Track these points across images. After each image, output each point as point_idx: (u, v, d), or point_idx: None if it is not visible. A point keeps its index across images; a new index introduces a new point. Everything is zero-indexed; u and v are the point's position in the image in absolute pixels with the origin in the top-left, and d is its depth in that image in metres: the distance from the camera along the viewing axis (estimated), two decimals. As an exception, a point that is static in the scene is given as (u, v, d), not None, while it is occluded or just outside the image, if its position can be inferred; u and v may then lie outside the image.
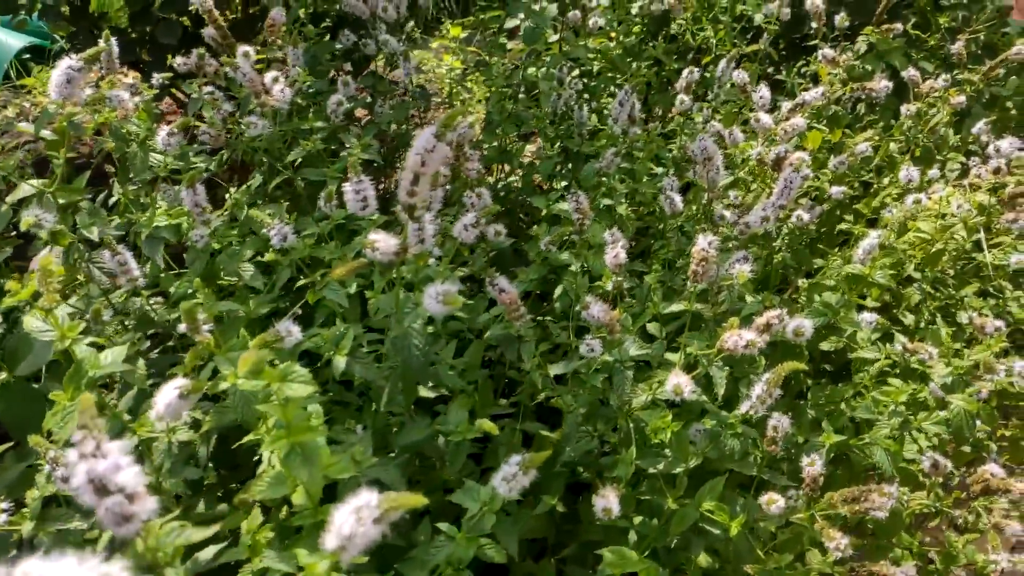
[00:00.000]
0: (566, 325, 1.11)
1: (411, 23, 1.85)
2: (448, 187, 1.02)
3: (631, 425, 0.98)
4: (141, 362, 0.97)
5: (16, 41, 3.42)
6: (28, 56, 3.38)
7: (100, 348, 0.77)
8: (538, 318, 1.23)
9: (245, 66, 1.09)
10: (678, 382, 0.81)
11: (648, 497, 1.02)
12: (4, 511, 0.78)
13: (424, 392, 0.96)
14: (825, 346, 1.34)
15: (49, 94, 0.92)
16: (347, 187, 0.82)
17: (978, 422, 0.98)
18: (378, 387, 0.86)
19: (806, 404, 1.20)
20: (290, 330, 0.79)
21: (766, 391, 0.86)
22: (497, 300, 0.93)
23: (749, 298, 1.02)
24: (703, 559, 1.03)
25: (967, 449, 1.01)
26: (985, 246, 1.36)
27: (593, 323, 0.90)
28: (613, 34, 1.98)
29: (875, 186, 1.55)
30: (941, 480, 1.02)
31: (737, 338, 0.83)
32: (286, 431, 0.65)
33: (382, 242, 0.73)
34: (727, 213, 1.14)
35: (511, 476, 0.71)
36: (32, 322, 0.73)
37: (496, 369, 1.22)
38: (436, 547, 0.78)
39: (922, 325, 1.31)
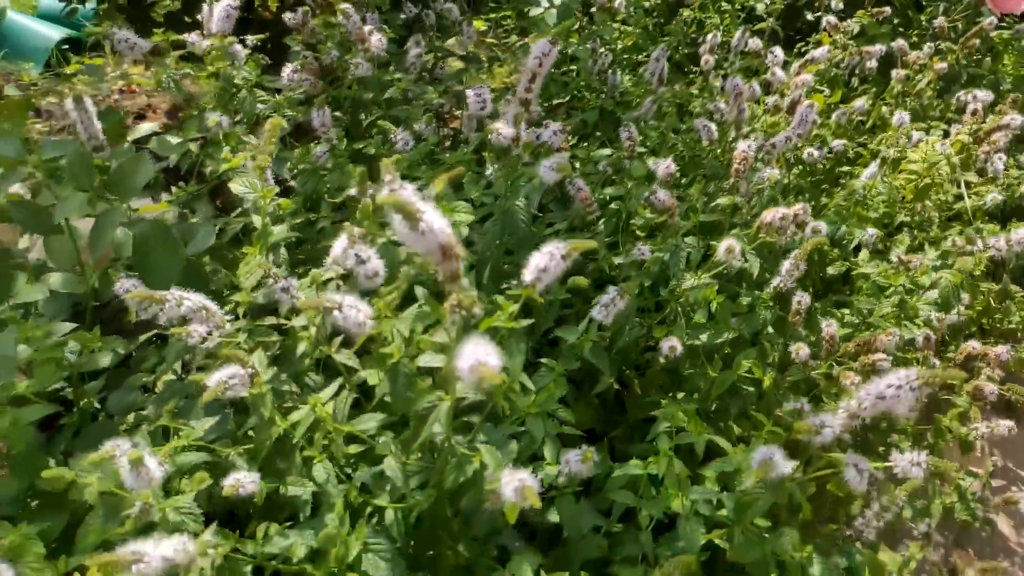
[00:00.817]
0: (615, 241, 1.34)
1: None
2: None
3: (679, 308, 1.21)
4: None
5: (56, 33, 3.63)
6: (67, 47, 3.57)
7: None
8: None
9: (354, 17, 1.32)
10: (730, 243, 1.04)
11: (692, 371, 1.24)
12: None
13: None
14: (831, 270, 1.57)
15: (210, 29, 1.14)
16: (470, 95, 1.04)
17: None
18: (484, 257, 1.07)
19: (816, 311, 1.43)
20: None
21: (794, 265, 1.09)
22: (574, 198, 1.16)
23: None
24: (736, 428, 1.25)
25: (953, 317, 1.24)
26: (965, 189, 1.61)
27: (658, 206, 1.12)
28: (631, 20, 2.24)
29: (870, 145, 1.81)
30: (932, 353, 1.25)
31: (775, 214, 1.06)
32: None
33: (504, 129, 0.96)
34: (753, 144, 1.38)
35: (609, 302, 0.93)
36: (236, 187, 0.94)
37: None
38: (539, 376, 1.00)
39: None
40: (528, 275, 0.67)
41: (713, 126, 1.33)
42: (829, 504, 1.31)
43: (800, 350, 1.09)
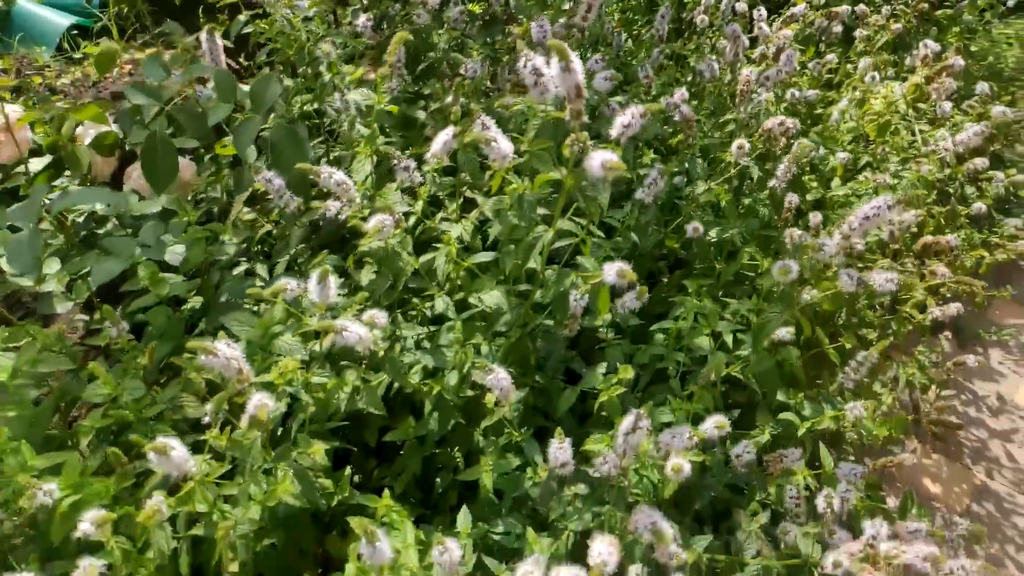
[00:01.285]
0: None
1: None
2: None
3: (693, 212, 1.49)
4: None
5: (64, 20, 3.81)
6: (75, 32, 3.75)
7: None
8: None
9: (413, -25, 1.58)
10: (740, 142, 1.32)
11: (702, 265, 1.52)
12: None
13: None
14: (809, 197, 1.87)
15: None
16: (533, 25, 1.30)
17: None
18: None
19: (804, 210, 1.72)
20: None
21: (787, 168, 1.38)
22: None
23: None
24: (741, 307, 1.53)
25: (915, 213, 1.54)
26: (919, 135, 1.92)
27: (680, 118, 1.40)
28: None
29: (840, 92, 2.12)
30: (897, 247, 1.55)
31: (774, 121, 1.35)
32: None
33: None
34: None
35: (651, 182, 1.20)
36: (355, 96, 1.19)
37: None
38: (594, 247, 1.26)
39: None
40: (614, 131, 0.94)
41: (716, 64, 1.61)
42: (817, 369, 1.60)
43: (794, 234, 1.38)
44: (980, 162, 1.86)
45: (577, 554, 0.84)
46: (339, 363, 1.05)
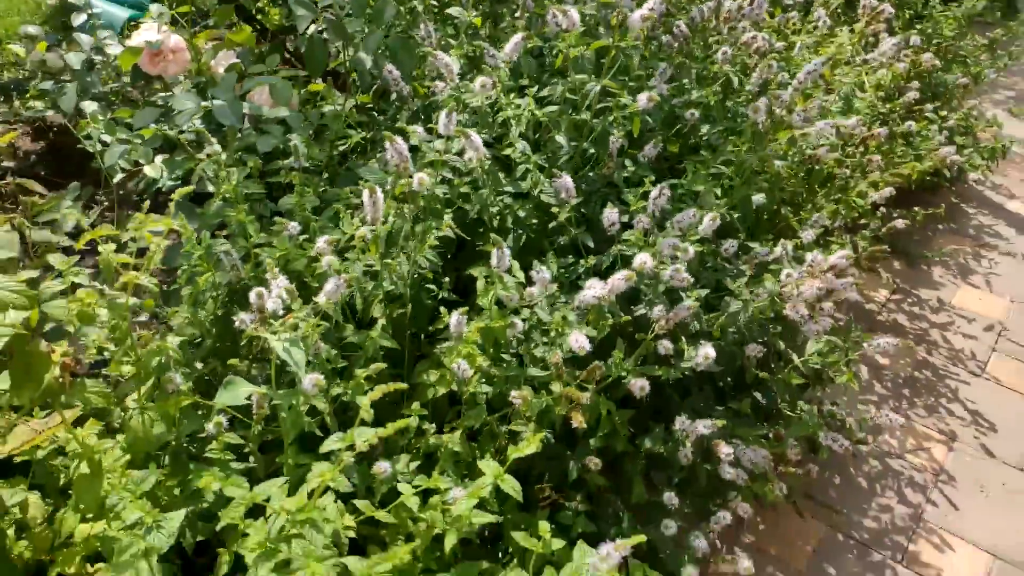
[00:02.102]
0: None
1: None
2: None
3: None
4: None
5: (123, 12, 4.33)
6: (133, 24, 4.25)
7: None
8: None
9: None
10: (724, 50, 1.82)
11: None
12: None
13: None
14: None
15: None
16: None
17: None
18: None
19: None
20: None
21: (760, 75, 1.88)
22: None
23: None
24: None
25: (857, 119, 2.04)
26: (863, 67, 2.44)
27: (679, 32, 1.88)
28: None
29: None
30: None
31: (750, 35, 1.85)
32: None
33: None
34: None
35: (661, 72, 1.69)
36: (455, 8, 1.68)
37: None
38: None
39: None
40: (647, 5, 1.43)
41: (705, 9, 2.12)
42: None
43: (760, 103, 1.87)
44: (912, 94, 2.39)
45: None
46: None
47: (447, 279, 1.46)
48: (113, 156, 1.59)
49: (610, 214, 1.38)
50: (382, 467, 1.09)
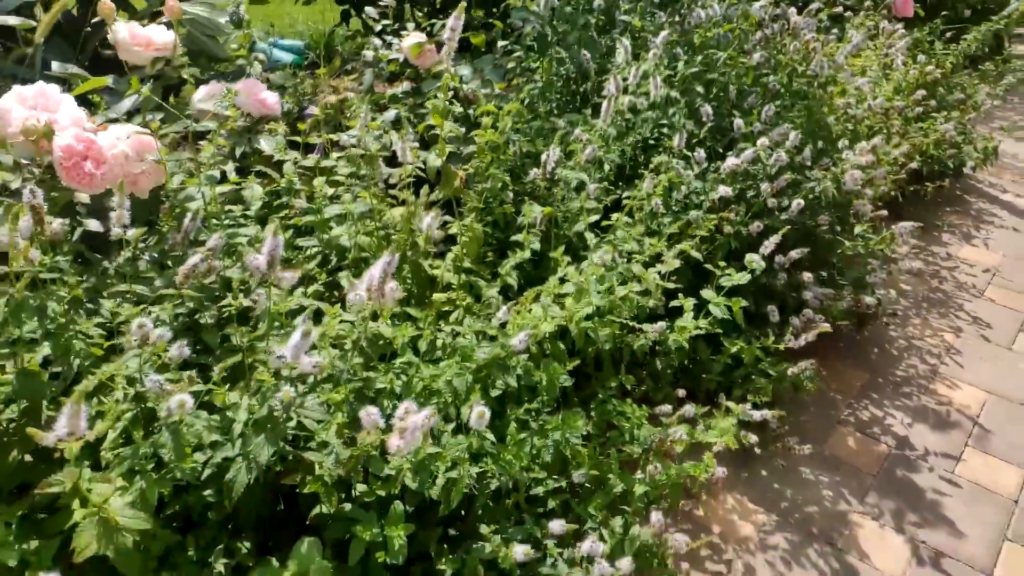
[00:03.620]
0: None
1: None
2: None
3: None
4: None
5: (288, 57, 5.44)
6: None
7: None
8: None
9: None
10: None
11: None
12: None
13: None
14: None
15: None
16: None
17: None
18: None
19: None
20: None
21: (818, 62, 2.81)
22: None
23: None
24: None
25: (882, 99, 2.94)
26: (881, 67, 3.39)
27: (772, 30, 2.83)
28: None
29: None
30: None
31: (810, 37, 2.79)
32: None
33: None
34: None
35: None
36: None
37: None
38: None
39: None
40: None
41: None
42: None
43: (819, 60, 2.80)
44: (920, 92, 3.33)
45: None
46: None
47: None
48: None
49: (738, 122, 2.30)
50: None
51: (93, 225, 1.38)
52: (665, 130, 2.43)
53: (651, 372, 2.22)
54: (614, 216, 1.87)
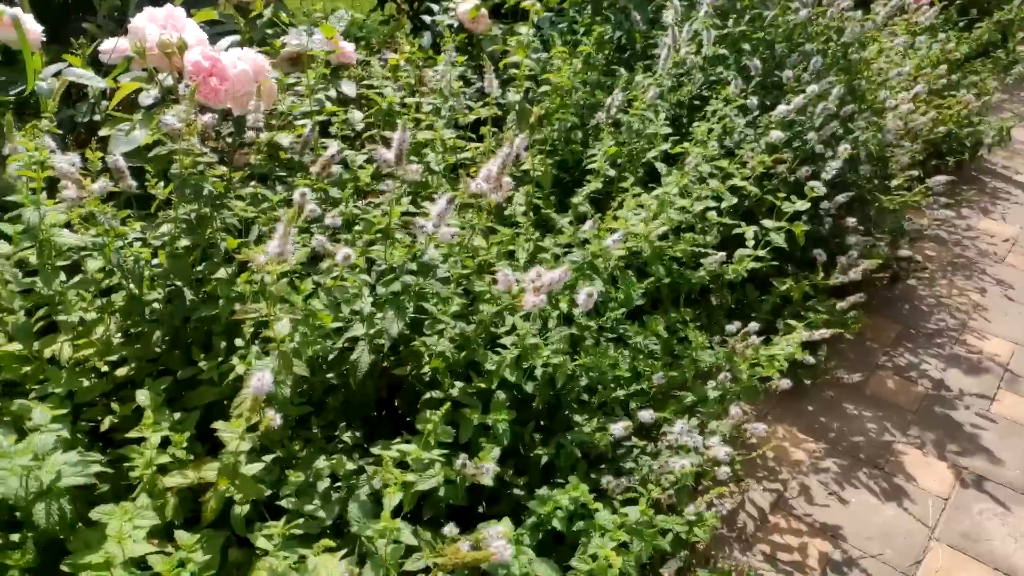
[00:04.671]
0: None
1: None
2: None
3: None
4: None
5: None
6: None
7: None
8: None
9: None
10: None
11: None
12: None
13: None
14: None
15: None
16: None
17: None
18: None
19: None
20: None
21: (851, 31, 2.98)
22: None
23: None
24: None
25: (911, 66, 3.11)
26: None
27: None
28: None
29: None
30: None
31: (845, 6, 2.96)
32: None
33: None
34: None
35: None
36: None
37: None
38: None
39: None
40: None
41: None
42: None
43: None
44: (943, 68, 3.50)
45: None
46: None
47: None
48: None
49: (788, 73, 2.46)
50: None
51: (248, 131, 1.50)
52: (715, 85, 2.58)
53: (706, 310, 2.35)
54: (684, 145, 2.01)
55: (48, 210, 1.25)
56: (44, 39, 1.88)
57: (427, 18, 2.87)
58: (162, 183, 1.39)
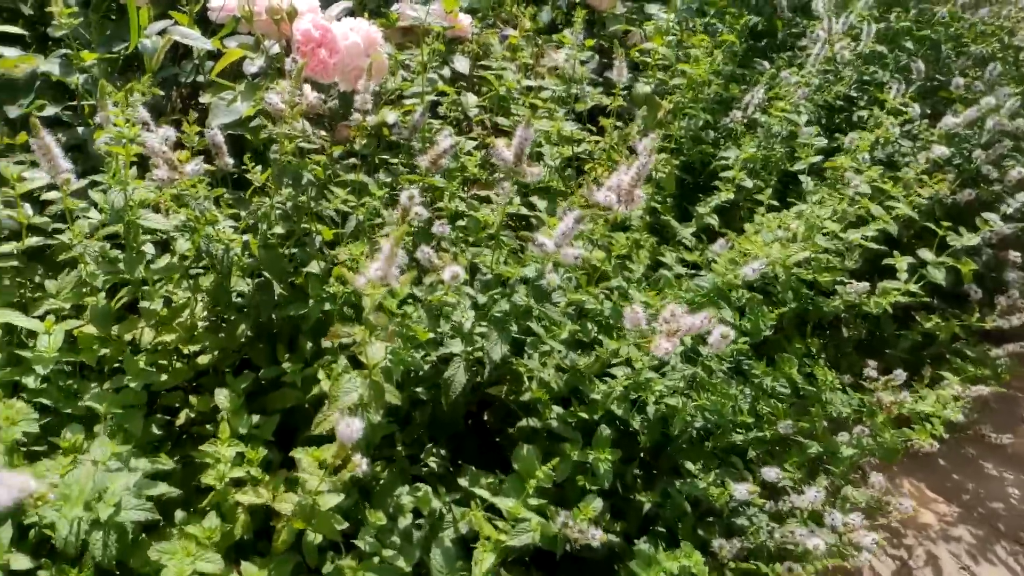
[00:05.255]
0: None
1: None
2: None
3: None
4: None
5: None
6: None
7: None
8: None
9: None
10: None
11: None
12: None
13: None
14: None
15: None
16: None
17: None
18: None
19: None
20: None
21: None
22: None
23: None
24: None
25: None
26: None
27: None
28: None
29: None
30: None
31: None
32: None
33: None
34: None
35: None
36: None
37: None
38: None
39: None
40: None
41: None
42: None
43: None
44: None
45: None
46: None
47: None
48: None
49: (958, 80, 2.14)
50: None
51: (355, 114, 1.35)
52: (866, 86, 2.28)
53: (833, 340, 2.10)
54: (837, 160, 1.75)
55: (135, 188, 1.14)
56: (152, -6, 1.79)
57: (546, -9, 2.66)
58: (259, 167, 1.26)
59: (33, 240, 1.31)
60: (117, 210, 1.07)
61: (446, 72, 1.75)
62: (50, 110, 1.59)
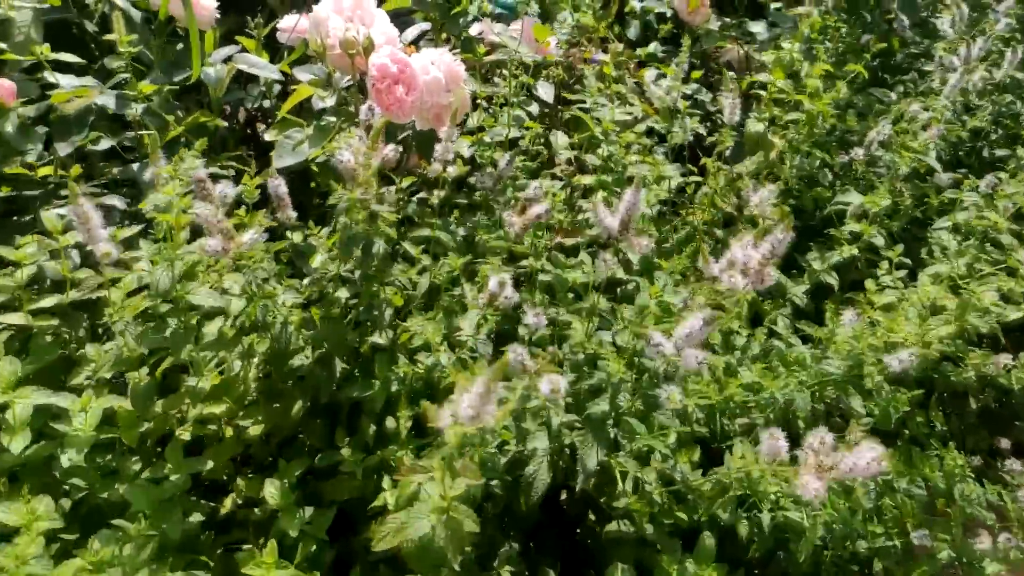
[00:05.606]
0: None
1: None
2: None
3: None
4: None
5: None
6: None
7: None
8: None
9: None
10: None
11: None
12: None
13: None
14: None
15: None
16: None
17: None
18: None
19: None
20: None
21: None
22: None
23: None
24: None
25: None
26: None
27: None
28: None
29: None
30: None
31: None
32: None
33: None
34: None
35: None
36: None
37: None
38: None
39: None
40: None
41: None
42: None
43: None
44: None
45: None
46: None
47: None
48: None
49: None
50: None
51: (435, 163, 1.17)
52: (1001, 118, 2.00)
53: (955, 409, 1.84)
54: (993, 218, 1.49)
55: (185, 254, 0.99)
56: (218, 15, 1.65)
57: (636, 3, 2.44)
58: (323, 229, 1.10)
59: (76, 294, 1.19)
60: (162, 291, 0.92)
61: (533, 108, 1.56)
62: (105, 143, 1.47)
